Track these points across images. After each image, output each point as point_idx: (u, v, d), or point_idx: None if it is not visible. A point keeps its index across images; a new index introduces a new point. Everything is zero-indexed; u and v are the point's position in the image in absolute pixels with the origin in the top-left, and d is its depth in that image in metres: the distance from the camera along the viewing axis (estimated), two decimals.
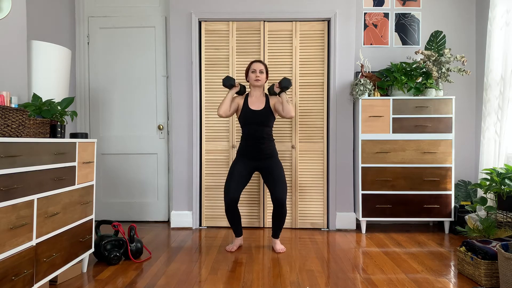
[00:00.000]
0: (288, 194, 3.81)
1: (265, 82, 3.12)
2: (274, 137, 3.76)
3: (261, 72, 3.05)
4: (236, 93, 3.13)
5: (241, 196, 3.84)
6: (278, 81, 3.74)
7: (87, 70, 4.12)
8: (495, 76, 3.41)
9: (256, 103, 3.07)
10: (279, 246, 3.08)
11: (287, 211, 3.81)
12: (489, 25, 3.43)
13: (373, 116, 3.58)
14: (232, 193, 3.00)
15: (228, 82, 3.03)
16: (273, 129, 3.05)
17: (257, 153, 3.03)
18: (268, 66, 3.80)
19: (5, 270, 1.76)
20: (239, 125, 3.83)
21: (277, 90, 3.07)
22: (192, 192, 3.84)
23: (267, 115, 3.03)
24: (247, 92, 3.17)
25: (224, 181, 3.85)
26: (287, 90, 3.07)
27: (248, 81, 3.12)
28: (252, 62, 3.10)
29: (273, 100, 3.08)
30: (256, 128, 3.02)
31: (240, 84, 3.10)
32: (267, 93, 3.16)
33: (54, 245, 2.19)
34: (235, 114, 3.23)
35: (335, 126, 3.77)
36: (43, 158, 2.06)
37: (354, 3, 3.77)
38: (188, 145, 3.84)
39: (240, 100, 3.11)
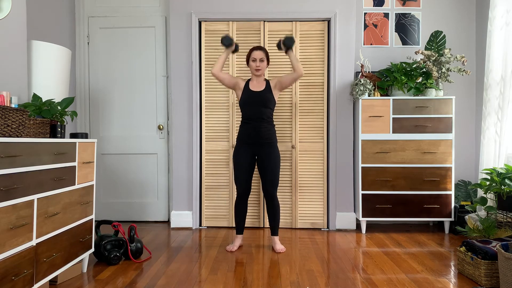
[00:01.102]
0: (288, 194, 3.81)
1: (266, 68, 3.17)
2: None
3: (261, 60, 3.09)
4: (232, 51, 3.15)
5: None
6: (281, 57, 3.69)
7: (87, 70, 4.12)
8: (495, 76, 3.40)
9: (257, 86, 3.13)
10: (279, 246, 3.08)
11: (287, 211, 3.81)
12: (489, 25, 3.42)
13: (373, 116, 3.58)
14: (245, 184, 3.08)
15: (228, 42, 3.04)
16: (275, 126, 3.02)
17: (256, 136, 3.05)
18: (268, 66, 3.80)
19: (5, 270, 1.76)
20: (239, 125, 3.83)
21: (283, 48, 3.08)
22: (192, 192, 3.84)
23: (267, 96, 3.07)
24: (248, 78, 3.18)
25: (224, 181, 3.85)
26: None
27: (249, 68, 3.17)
28: (252, 50, 3.11)
29: (273, 82, 3.12)
30: (256, 109, 3.04)
31: (236, 44, 3.13)
32: (277, 47, 3.12)
33: (54, 245, 2.19)
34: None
35: (335, 126, 3.77)
36: (43, 158, 2.06)
37: (354, 3, 3.77)
38: (188, 145, 3.84)
39: (241, 82, 3.15)
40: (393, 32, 4.02)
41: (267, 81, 3.15)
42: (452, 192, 3.55)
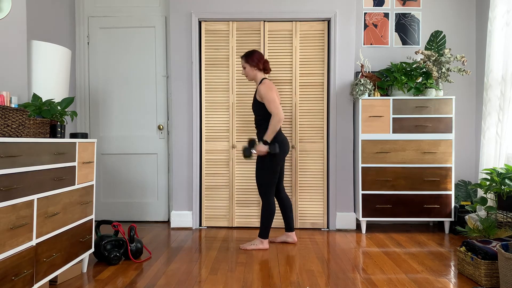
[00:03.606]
0: (288, 194, 3.81)
1: (255, 70, 3.14)
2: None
3: (243, 68, 3.18)
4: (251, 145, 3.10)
5: (240, 195, 3.84)
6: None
7: (87, 70, 4.12)
8: (496, 76, 3.40)
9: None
10: (246, 244, 3.13)
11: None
12: (489, 25, 3.42)
13: (373, 116, 3.57)
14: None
15: (248, 152, 3.07)
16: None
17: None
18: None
19: (5, 270, 1.76)
20: (239, 125, 3.84)
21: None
22: (192, 192, 3.84)
23: (254, 104, 3.16)
24: None
25: (224, 181, 3.85)
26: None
27: None
28: None
29: (259, 93, 3.06)
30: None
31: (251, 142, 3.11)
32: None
33: (54, 245, 2.19)
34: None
35: (335, 126, 3.77)
36: (43, 158, 2.06)
37: (354, 3, 3.77)
38: (188, 145, 3.84)
39: None
40: (393, 32, 4.02)
41: (257, 88, 3.10)
42: (452, 192, 3.55)
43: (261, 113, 3.10)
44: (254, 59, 3.12)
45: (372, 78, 3.70)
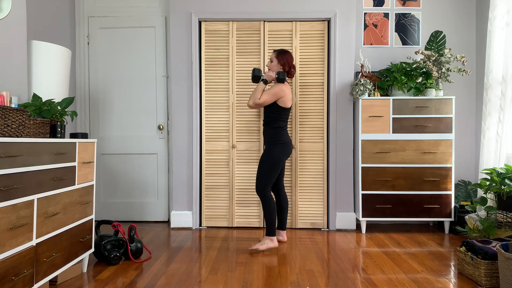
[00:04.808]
0: (288, 194, 3.81)
1: (280, 69, 3.20)
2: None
3: (270, 60, 3.24)
4: (278, 80, 3.14)
5: (240, 195, 3.84)
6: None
7: (87, 70, 4.12)
8: (496, 76, 3.41)
9: None
10: (256, 244, 3.07)
11: (288, 210, 3.81)
12: (489, 25, 3.42)
13: (373, 116, 3.58)
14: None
15: (253, 74, 3.15)
16: (273, 128, 3.03)
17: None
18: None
19: (5, 270, 1.76)
20: (239, 125, 3.84)
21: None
22: (192, 192, 3.84)
23: None
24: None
25: (224, 181, 3.85)
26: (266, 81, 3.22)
27: None
28: None
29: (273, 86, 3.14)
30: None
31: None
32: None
33: (54, 245, 2.19)
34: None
35: (335, 126, 3.77)
36: (43, 158, 2.06)
37: (354, 3, 3.77)
38: (188, 145, 3.84)
39: None
40: (393, 32, 4.02)
41: (276, 83, 3.16)
42: (452, 192, 3.55)
43: (272, 110, 3.12)
44: (284, 58, 3.19)
45: (372, 78, 3.70)
